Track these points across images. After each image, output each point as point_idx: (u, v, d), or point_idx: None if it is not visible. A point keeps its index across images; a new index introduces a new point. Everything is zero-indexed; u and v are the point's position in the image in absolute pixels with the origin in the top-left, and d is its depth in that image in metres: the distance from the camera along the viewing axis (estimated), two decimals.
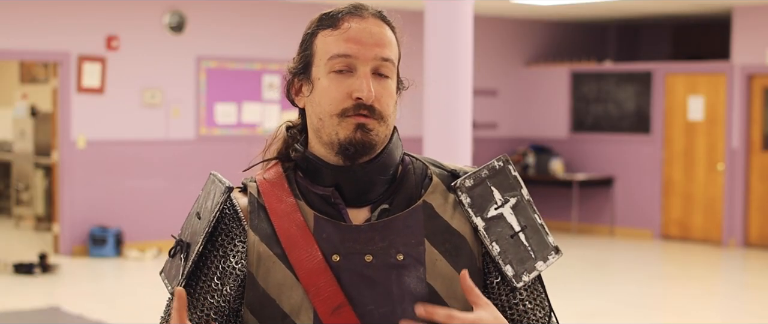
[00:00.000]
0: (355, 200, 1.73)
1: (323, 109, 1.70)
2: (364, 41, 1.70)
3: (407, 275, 1.70)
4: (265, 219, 1.74)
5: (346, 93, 1.68)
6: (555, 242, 1.79)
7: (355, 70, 1.69)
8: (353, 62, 1.69)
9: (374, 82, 1.70)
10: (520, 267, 1.74)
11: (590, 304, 8.53)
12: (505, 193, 1.77)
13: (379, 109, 1.69)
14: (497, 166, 1.79)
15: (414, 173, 1.77)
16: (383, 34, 1.72)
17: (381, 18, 1.74)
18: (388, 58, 1.71)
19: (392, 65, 1.73)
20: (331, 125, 1.69)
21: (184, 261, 1.75)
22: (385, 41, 1.72)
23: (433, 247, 1.72)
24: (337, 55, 1.69)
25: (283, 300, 1.70)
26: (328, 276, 1.68)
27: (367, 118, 1.68)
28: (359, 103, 1.68)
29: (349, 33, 1.70)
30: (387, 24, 1.75)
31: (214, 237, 1.75)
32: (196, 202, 1.82)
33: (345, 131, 1.68)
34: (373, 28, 1.71)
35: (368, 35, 1.70)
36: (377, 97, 1.69)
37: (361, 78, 1.68)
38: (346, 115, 1.68)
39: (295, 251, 1.70)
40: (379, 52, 1.70)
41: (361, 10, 1.73)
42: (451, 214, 1.75)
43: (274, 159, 1.80)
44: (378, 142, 1.70)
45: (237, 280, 1.74)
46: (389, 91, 1.71)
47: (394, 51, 1.74)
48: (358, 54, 1.69)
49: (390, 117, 1.72)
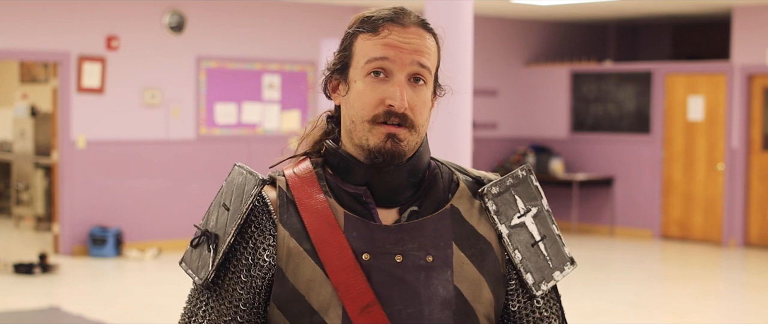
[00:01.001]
0: (384, 201, 1.74)
1: (356, 113, 1.71)
2: (402, 47, 1.70)
3: (435, 277, 1.71)
4: (295, 214, 1.74)
5: (380, 99, 1.69)
6: (570, 253, 1.82)
7: (391, 75, 1.70)
8: (390, 67, 1.70)
9: (409, 90, 1.70)
10: (539, 276, 1.77)
11: (590, 304, 8.53)
12: (528, 202, 1.80)
13: (411, 117, 1.70)
14: (520, 175, 1.81)
15: (442, 177, 1.79)
16: (422, 42, 1.73)
17: (422, 26, 1.75)
18: (425, 65, 1.72)
19: (429, 73, 1.73)
20: (362, 130, 1.70)
21: (213, 252, 1.74)
22: (424, 49, 1.72)
23: (460, 250, 1.73)
24: (374, 58, 1.70)
25: (312, 296, 1.70)
26: (358, 274, 1.68)
27: (399, 127, 1.69)
28: (391, 110, 1.68)
29: (388, 39, 1.71)
30: (428, 31, 1.75)
31: (244, 229, 1.75)
32: (219, 194, 1.80)
33: (375, 139, 1.69)
34: (412, 36, 1.72)
35: (407, 43, 1.71)
36: (411, 105, 1.70)
37: (395, 85, 1.69)
38: (377, 121, 1.69)
39: (325, 248, 1.70)
40: (417, 58, 1.71)
41: (402, 18, 1.73)
42: (478, 220, 1.76)
43: (303, 155, 1.80)
44: (407, 151, 1.71)
45: (267, 274, 1.74)
46: (423, 100, 1.72)
47: (432, 59, 1.75)
48: (395, 58, 1.70)
49: (422, 126, 1.72)
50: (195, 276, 1.76)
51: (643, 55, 14.20)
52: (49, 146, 11.28)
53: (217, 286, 1.75)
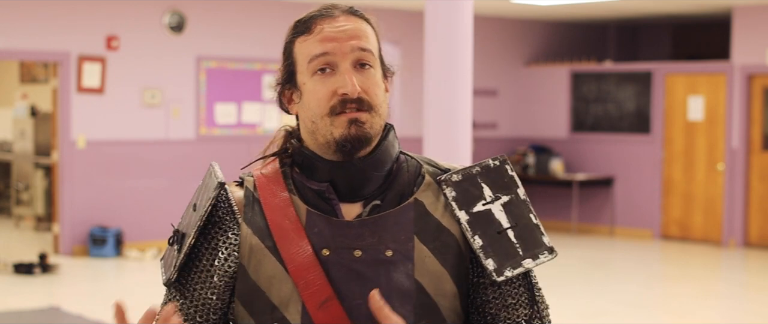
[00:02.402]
0: (348, 195, 1.74)
1: (314, 112, 1.72)
2: (338, 38, 1.72)
3: (396, 271, 1.71)
4: (259, 213, 1.76)
5: (331, 91, 1.70)
6: (550, 243, 1.79)
7: (336, 67, 1.71)
8: (333, 59, 1.71)
9: (357, 75, 1.71)
10: (504, 262, 1.74)
11: (590, 304, 8.53)
12: (498, 190, 1.78)
13: (367, 99, 1.71)
14: (492, 164, 1.80)
15: (407, 171, 1.79)
16: (357, 27, 1.74)
17: (352, 13, 1.76)
18: (366, 48, 1.73)
19: (371, 55, 1.74)
20: (324, 126, 1.71)
21: (177, 252, 1.77)
22: (360, 33, 1.74)
23: (422, 244, 1.73)
24: (316, 55, 1.72)
25: (273, 292, 1.72)
26: (317, 270, 1.70)
27: (358, 111, 1.70)
28: (345, 98, 1.69)
29: (322, 34, 1.72)
30: (359, 17, 1.77)
31: (207, 229, 1.77)
32: (195, 193, 1.83)
33: (339, 129, 1.70)
34: (345, 24, 1.73)
35: (341, 31, 1.72)
36: (363, 88, 1.71)
37: (342, 74, 1.70)
38: (336, 112, 1.70)
39: (285, 245, 1.72)
40: (356, 43, 1.72)
41: (331, 11, 1.75)
42: (442, 213, 1.76)
43: (273, 155, 1.82)
44: (373, 133, 1.72)
45: (228, 273, 1.75)
46: (374, 81, 1.73)
47: (372, 41, 1.76)
48: (335, 50, 1.71)
49: (380, 106, 1.73)
50: (163, 275, 1.80)
51: (643, 55, 14.20)
52: (49, 146, 11.28)
53: (182, 285, 1.78)
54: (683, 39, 13.90)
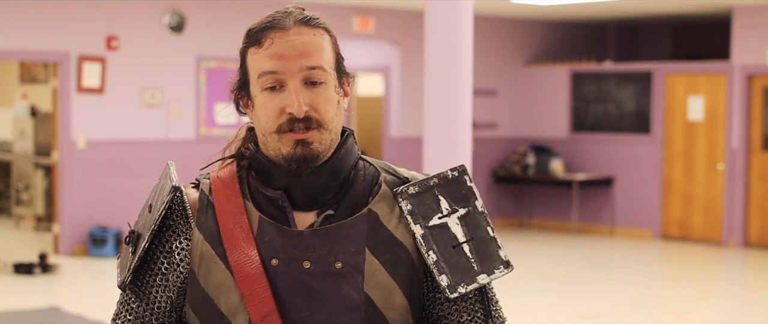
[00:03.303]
0: (303, 204, 1.72)
1: (263, 127, 1.70)
2: (287, 55, 1.68)
3: (345, 284, 1.68)
4: (212, 217, 1.73)
5: (279, 109, 1.67)
6: (507, 257, 1.75)
7: (285, 84, 1.68)
8: (281, 77, 1.68)
9: (307, 92, 1.67)
10: (458, 278, 1.70)
11: (590, 304, 8.53)
12: (455, 203, 1.74)
13: (316, 117, 1.67)
14: (450, 175, 1.76)
15: (364, 180, 1.75)
16: (308, 42, 1.70)
17: (305, 23, 1.72)
18: (316, 66, 1.68)
19: (322, 71, 1.69)
20: (272, 141, 1.69)
21: (132, 254, 1.75)
22: (311, 49, 1.69)
23: (373, 256, 1.70)
24: (264, 72, 1.69)
25: (222, 301, 1.70)
26: (262, 282, 1.67)
27: (306, 132, 1.67)
28: (292, 117, 1.66)
29: (271, 49, 1.69)
30: (314, 27, 1.72)
31: (161, 232, 1.75)
32: (152, 192, 1.81)
33: (286, 147, 1.67)
34: (295, 39, 1.69)
35: (291, 48, 1.68)
36: (312, 105, 1.67)
37: (290, 93, 1.67)
38: (282, 131, 1.67)
39: (235, 253, 1.69)
40: (305, 62, 1.68)
41: (282, 21, 1.71)
42: (396, 224, 1.72)
43: (231, 158, 1.80)
44: (321, 151, 1.69)
45: (180, 277, 1.74)
46: (325, 97, 1.69)
47: (324, 55, 1.71)
48: (283, 69, 1.67)
49: (331, 122, 1.69)
50: (118, 276, 1.78)
51: (643, 55, 14.20)
52: (49, 146, 11.28)
53: (136, 288, 1.76)
54: (683, 39, 13.90)
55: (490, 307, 1.77)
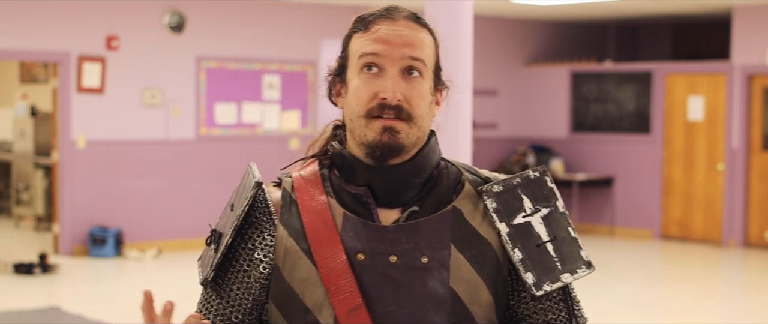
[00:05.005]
0: (387, 201, 1.73)
1: (353, 110, 1.71)
2: (392, 42, 1.70)
3: (431, 278, 1.70)
4: (296, 214, 1.75)
5: (373, 93, 1.69)
6: (588, 257, 1.77)
7: (383, 70, 1.70)
8: (382, 62, 1.70)
9: (404, 83, 1.69)
10: (544, 276, 1.73)
11: (590, 304, 8.50)
12: (538, 203, 1.77)
13: (407, 109, 1.69)
14: (532, 176, 1.79)
15: (447, 178, 1.78)
16: (414, 35, 1.72)
17: (414, 20, 1.75)
18: (418, 58, 1.71)
19: (423, 65, 1.72)
20: (360, 126, 1.70)
21: (214, 251, 1.76)
22: (416, 42, 1.72)
23: (458, 252, 1.72)
24: (365, 53, 1.70)
25: (307, 295, 1.71)
26: (348, 277, 1.68)
27: (395, 120, 1.68)
28: (384, 103, 1.68)
29: (378, 34, 1.71)
30: (422, 26, 1.75)
31: (244, 229, 1.76)
32: (233, 193, 1.82)
33: (372, 133, 1.69)
34: (402, 29, 1.72)
35: (397, 36, 1.71)
36: (406, 97, 1.69)
37: (387, 78, 1.69)
38: (372, 115, 1.69)
39: (320, 249, 1.71)
40: (408, 51, 1.70)
41: (393, 13, 1.74)
42: (480, 222, 1.75)
43: (312, 157, 1.82)
44: (408, 144, 1.70)
45: (264, 274, 1.75)
46: (420, 92, 1.71)
47: (427, 52, 1.74)
48: (385, 53, 1.70)
49: (421, 118, 1.71)
50: (200, 274, 1.79)
51: (643, 55, 14.20)
52: (49, 146, 11.28)
53: (218, 285, 1.77)
54: (683, 39, 13.89)
55: (573, 307, 1.79)
